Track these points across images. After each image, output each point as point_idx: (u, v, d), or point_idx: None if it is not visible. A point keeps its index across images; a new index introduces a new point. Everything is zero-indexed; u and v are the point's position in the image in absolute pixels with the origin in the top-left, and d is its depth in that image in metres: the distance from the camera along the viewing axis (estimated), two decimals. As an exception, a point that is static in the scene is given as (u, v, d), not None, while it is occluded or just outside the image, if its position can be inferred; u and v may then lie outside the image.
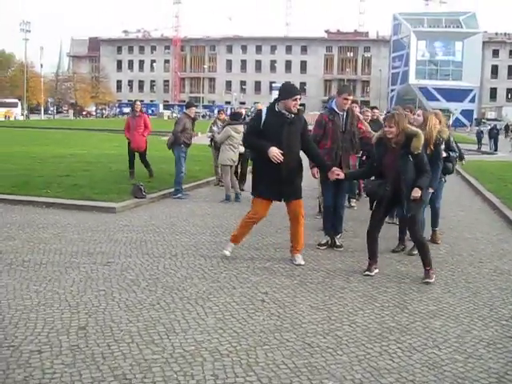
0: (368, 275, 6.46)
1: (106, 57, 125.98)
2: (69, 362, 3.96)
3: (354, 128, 7.90)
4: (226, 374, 3.88)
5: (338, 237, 8.00)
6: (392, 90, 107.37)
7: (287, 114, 6.66)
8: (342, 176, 6.87)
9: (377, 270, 6.56)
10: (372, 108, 11.94)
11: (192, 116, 12.40)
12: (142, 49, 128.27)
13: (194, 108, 12.65)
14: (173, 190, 12.14)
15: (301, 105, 7.16)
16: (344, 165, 7.65)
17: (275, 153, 6.48)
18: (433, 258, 6.64)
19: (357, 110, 10.19)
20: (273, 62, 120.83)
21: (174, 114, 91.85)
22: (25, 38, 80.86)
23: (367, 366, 4.14)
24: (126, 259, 6.89)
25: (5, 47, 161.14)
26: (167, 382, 3.73)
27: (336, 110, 7.77)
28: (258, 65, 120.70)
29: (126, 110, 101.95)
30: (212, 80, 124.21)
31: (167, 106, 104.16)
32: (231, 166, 11.96)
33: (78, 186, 12.06)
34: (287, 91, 6.75)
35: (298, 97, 6.69)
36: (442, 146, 7.71)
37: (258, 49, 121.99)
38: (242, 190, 12.43)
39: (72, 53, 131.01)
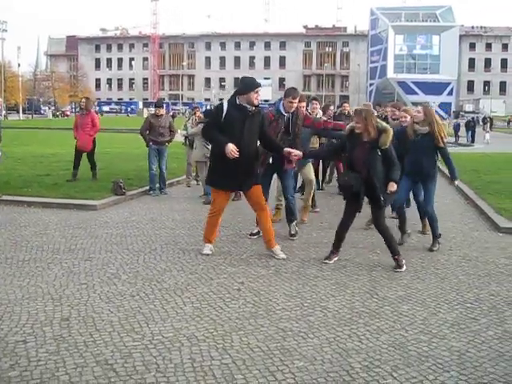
0: (327, 263, 6.75)
1: (84, 55, 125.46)
2: (53, 350, 4.16)
3: (300, 129, 8.05)
4: (202, 358, 4.10)
5: (294, 224, 8.24)
6: (371, 85, 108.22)
7: (249, 107, 6.79)
8: (300, 154, 7.08)
9: (336, 258, 6.85)
10: (342, 103, 12.34)
11: (158, 114, 12.37)
12: (120, 47, 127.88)
13: (159, 108, 12.54)
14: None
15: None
16: (286, 161, 7.77)
17: (231, 149, 6.60)
18: (404, 246, 6.90)
19: (317, 106, 10.78)
20: (252, 58, 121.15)
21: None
22: (1, 38, 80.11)
23: (336, 347, 4.39)
24: (107, 254, 7.08)
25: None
26: (147, 366, 3.94)
27: (282, 111, 7.91)
28: (237, 61, 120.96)
29: (105, 108, 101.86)
30: (191, 77, 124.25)
31: (147, 104, 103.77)
32: (205, 163, 12.13)
33: (58, 184, 12.19)
34: (249, 84, 6.90)
35: (260, 89, 6.89)
36: None
37: (237, 45, 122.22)
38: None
39: (50, 52, 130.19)
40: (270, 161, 7.93)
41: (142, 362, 4.00)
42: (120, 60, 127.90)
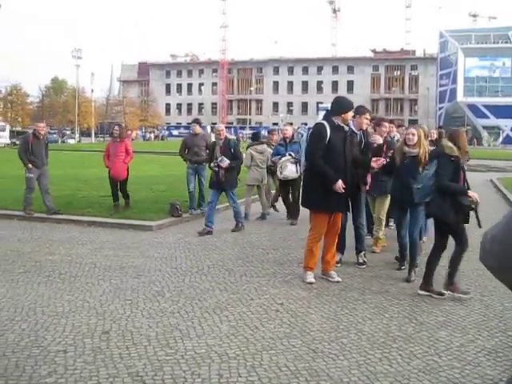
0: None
1: (154, 81, 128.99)
2: (89, 360, 4.40)
3: (368, 147, 7.93)
4: (230, 374, 4.23)
5: (362, 254, 8.00)
6: (440, 108, 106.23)
7: (346, 127, 6.83)
8: (383, 161, 7.12)
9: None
10: (399, 126, 11.88)
11: (196, 133, 12.45)
12: (190, 72, 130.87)
13: (195, 124, 12.64)
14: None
15: None
16: (361, 182, 7.79)
17: (339, 186, 6.60)
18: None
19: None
20: (319, 83, 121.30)
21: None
22: (76, 65, 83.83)
23: (365, 370, 4.42)
24: (155, 273, 7.33)
25: (58, 74, 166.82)
26: (175, 380, 4.11)
27: (354, 129, 7.63)
28: (305, 86, 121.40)
29: (175, 132, 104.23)
30: (259, 102, 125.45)
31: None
32: (258, 186, 12.23)
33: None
34: (346, 104, 6.91)
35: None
36: None
37: (305, 70, 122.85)
38: (276, 210, 12.74)
39: (122, 78, 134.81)
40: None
41: (171, 376, 4.16)
42: (190, 85, 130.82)
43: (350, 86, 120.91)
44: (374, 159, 7.00)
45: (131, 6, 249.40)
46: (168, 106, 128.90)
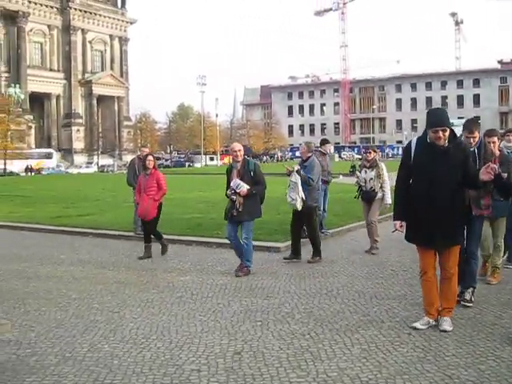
0: None
1: (277, 103, 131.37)
2: (222, 380, 4.48)
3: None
4: (363, 399, 4.14)
5: (469, 291, 6.71)
6: None
7: (438, 144, 5.65)
8: (495, 167, 5.55)
9: None
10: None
11: (326, 152, 12.34)
12: (311, 93, 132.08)
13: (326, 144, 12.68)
14: (338, 229, 12.56)
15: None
16: (474, 205, 6.73)
17: (397, 228, 5.92)
18: None
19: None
20: (444, 98, 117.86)
21: (344, 156, 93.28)
22: (201, 91, 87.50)
23: (508, 399, 4.16)
24: (285, 294, 7.37)
25: (184, 100, 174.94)
26: (308, 403, 4.08)
27: None
28: (429, 101, 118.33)
29: (298, 153, 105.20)
30: (382, 120, 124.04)
31: (337, 148, 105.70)
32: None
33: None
34: (431, 118, 5.80)
35: (439, 129, 5.59)
36: None
37: (428, 85, 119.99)
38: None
39: (245, 101, 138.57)
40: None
41: (304, 398, 4.15)
42: (311, 106, 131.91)
43: (476, 99, 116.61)
44: (483, 169, 5.56)
45: (249, 31, 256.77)
46: (291, 127, 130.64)
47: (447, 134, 5.62)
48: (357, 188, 10.95)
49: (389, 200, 10.38)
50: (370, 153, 10.79)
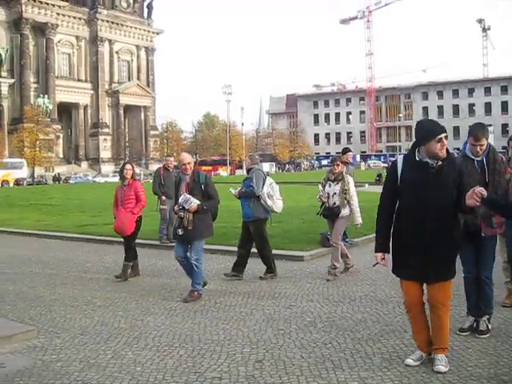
0: None
1: (302, 112, 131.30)
2: (244, 388, 4.52)
3: (500, 176, 5.92)
4: (384, 408, 4.14)
5: (485, 319, 6.02)
6: None
7: (431, 162, 4.85)
8: (483, 191, 4.63)
9: None
10: None
11: (348, 161, 12.27)
12: (337, 102, 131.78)
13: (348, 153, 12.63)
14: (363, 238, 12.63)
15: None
16: (484, 224, 5.89)
17: (378, 261, 5.13)
18: None
19: None
20: (471, 106, 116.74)
21: (372, 164, 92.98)
22: (227, 100, 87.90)
23: (532, 410, 4.12)
24: (307, 303, 7.39)
25: (210, 109, 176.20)
26: (328, 411, 4.09)
27: (470, 155, 5.92)
28: (456, 109, 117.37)
29: (324, 162, 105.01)
30: (408, 128, 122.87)
31: (364, 157, 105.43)
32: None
33: (270, 236, 12.85)
34: (427, 130, 4.90)
35: (444, 135, 4.83)
36: None
37: (455, 93, 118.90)
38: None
39: (271, 110, 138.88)
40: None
41: (324, 407, 4.16)
42: (337, 114, 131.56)
43: (505, 106, 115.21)
44: (470, 192, 4.69)
45: (275, 40, 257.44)
46: (317, 135, 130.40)
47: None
48: (320, 204, 9.59)
49: (359, 219, 9.42)
50: (337, 165, 9.42)
